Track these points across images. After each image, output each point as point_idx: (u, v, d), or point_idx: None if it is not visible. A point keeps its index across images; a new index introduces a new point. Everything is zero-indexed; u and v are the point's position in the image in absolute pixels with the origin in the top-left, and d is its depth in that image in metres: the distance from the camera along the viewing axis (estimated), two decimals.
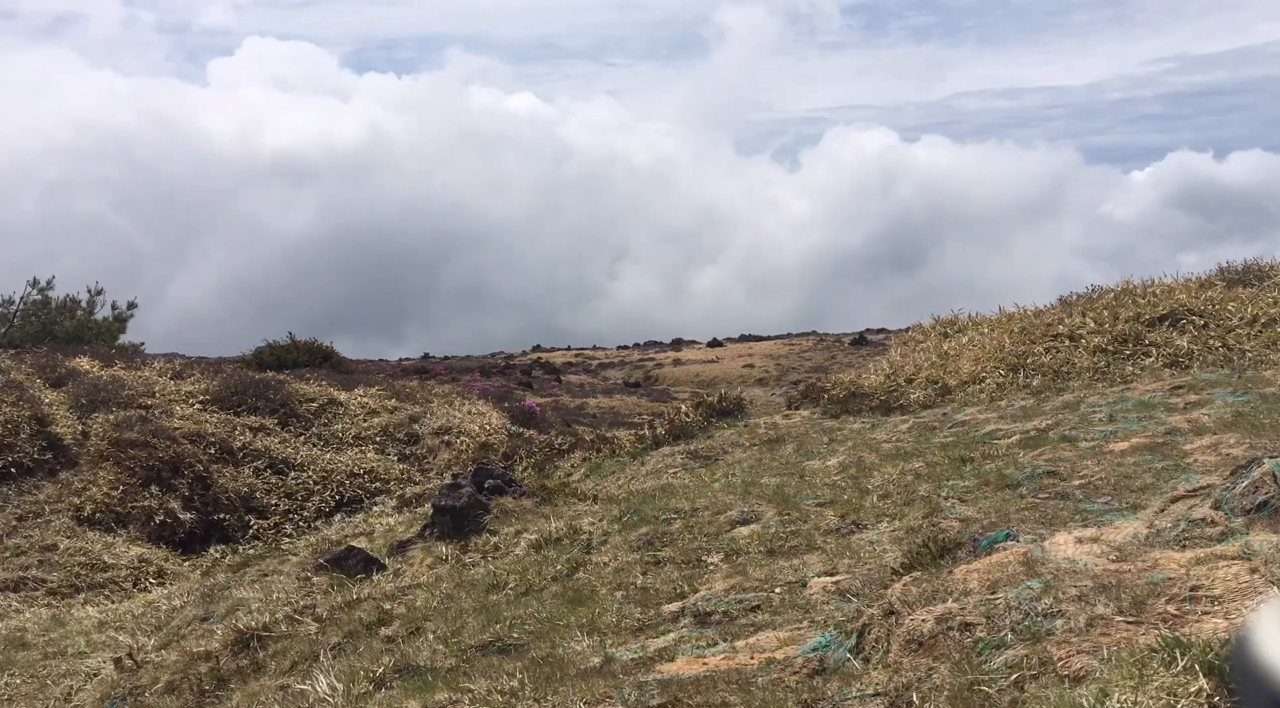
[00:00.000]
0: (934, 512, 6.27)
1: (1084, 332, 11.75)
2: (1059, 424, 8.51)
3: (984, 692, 3.19)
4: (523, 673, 4.43)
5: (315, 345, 23.88)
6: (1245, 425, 7.20)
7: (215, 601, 9.22)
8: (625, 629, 5.14)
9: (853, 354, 44.58)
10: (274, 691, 5.74)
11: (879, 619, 3.87)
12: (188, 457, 15.23)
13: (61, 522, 13.48)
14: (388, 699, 4.66)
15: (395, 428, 17.99)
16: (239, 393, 17.82)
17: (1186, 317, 11.59)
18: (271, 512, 15.31)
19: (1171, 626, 3.18)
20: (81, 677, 8.06)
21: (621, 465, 11.08)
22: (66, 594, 11.91)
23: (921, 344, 14.01)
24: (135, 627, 9.25)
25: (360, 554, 8.53)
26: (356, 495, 15.71)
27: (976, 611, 3.57)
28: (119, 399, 16.50)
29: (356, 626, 6.47)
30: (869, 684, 3.58)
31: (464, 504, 8.61)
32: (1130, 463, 6.67)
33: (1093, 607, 3.39)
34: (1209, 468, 6.02)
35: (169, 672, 6.97)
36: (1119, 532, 4.29)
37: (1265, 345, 10.65)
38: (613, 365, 52.25)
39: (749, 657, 4.31)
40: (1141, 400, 8.93)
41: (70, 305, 29.11)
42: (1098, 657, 3.13)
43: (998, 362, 11.74)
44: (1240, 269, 13.33)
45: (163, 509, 14.22)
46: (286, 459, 16.34)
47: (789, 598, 5.16)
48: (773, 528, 6.58)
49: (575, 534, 7.48)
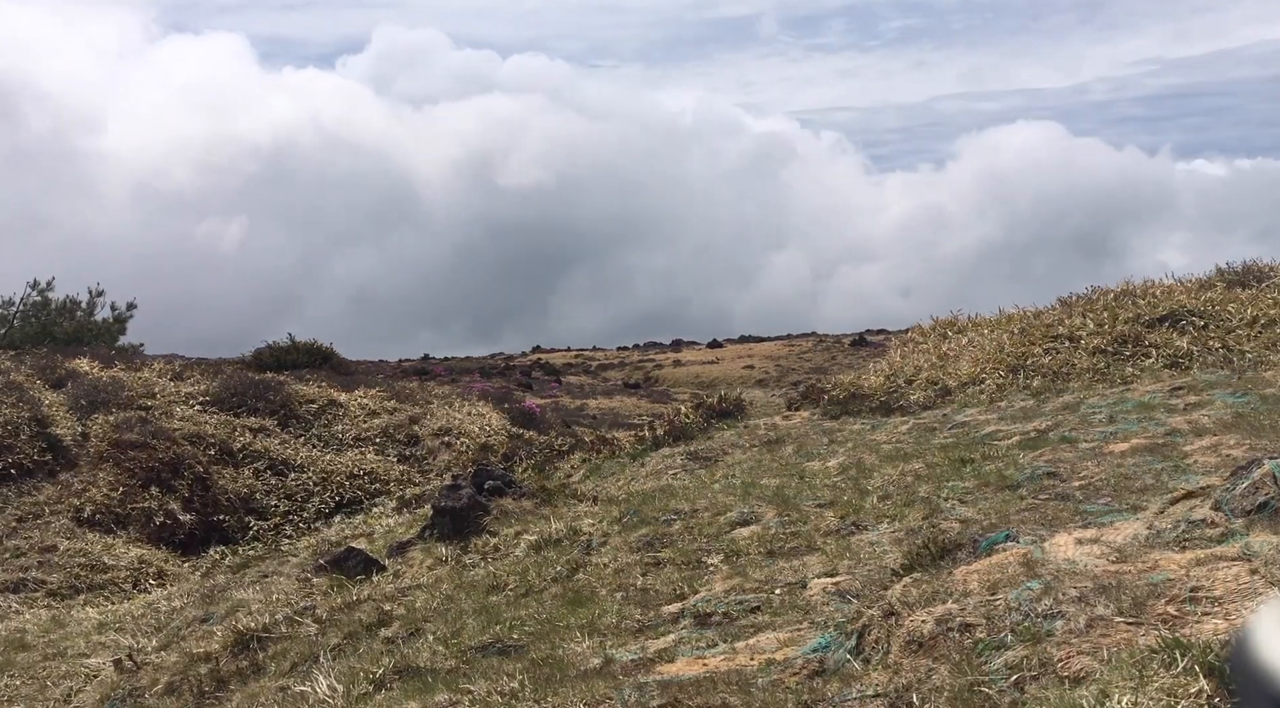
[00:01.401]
0: (934, 513, 6.27)
1: (1084, 333, 11.75)
2: (1059, 425, 8.51)
3: (984, 693, 3.19)
4: (523, 674, 4.43)
5: (315, 346, 23.86)
6: (1245, 426, 7.20)
7: (215, 602, 9.22)
8: (625, 630, 5.14)
9: (852, 355, 44.58)
10: (274, 692, 5.74)
11: (879, 620, 3.87)
12: (187, 458, 15.22)
13: (61, 523, 13.47)
14: (387, 701, 4.66)
15: (395, 429, 17.98)
16: (239, 394, 17.81)
17: (1186, 318, 11.59)
18: (271, 513, 15.30)
19: (1171, 627, 3.18)
20: (81, 678, 8.05)
21: (621, 467, 11.08)
22: (66, 595, 11.90)
23: (921, 345, 14.01)
24: (135, 628, 9.25)
25: (360, 555, 8.53)
26: (356, 497, 15.70)
27: (977, 612, 3.57)
28: (119, 400, 16.50)
29: (356, 627, 6.47)
30: (869, 685, 3.58)
31: (464, 505, 8.61)
32: (1130, 464, 6.67)
33: (1093, 608, 3.39)
34: (1209, 469, 6.02)
35: (169, 673, 6.97)
36: (1119, 533, 4.29)
37: (1265, 346, 10.65)
38: (612, 366, 52.25)
39: (749, 658, 4.31)
40: (1141, 401, 8.93)
41: (70, 307, 29.09)
42: (1098, 658, 3.13)
43: (997, 363, 11.73)
44: (1240, 270, 13.34)
45: (162, 510, 14.22)
46: (286, 460, 16.34)
47: (789, 599, 5.16)
48: (773, 529, 6.58)
49: (575, 535, 7.47)
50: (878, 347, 39.92)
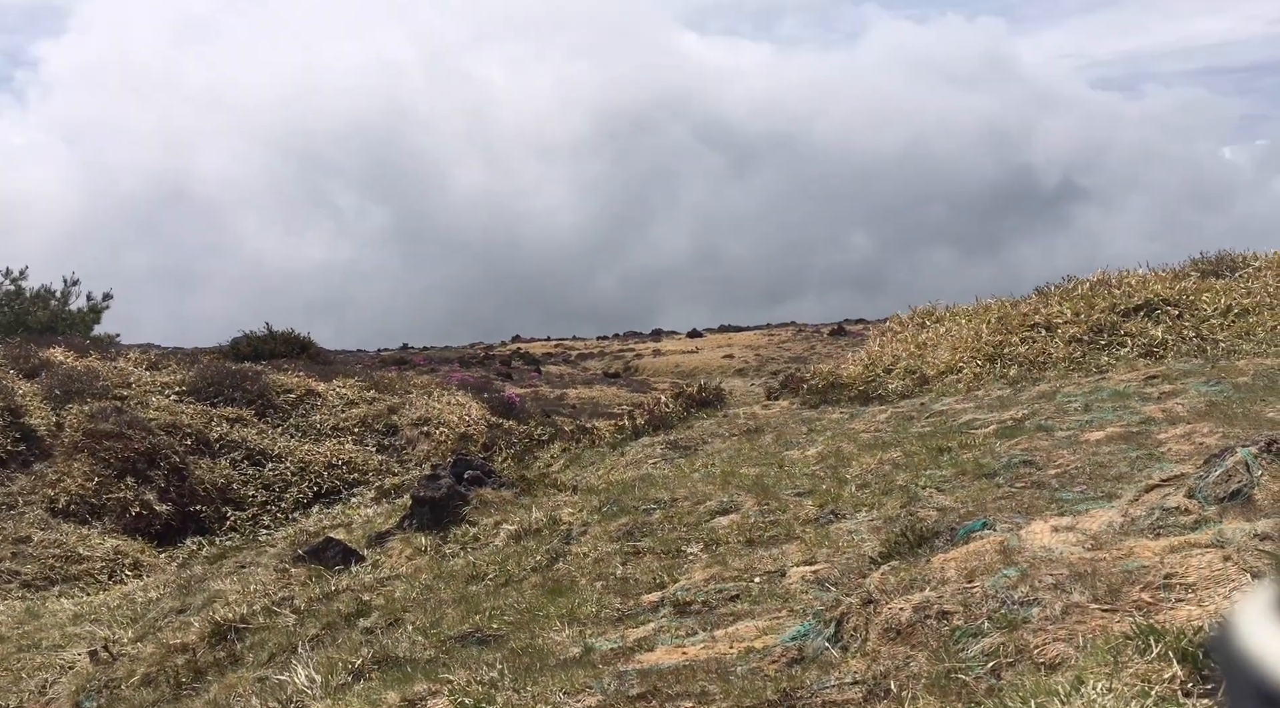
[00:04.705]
0: (912, 501, 6.31)
1: (1060, 322, 11.84)
2: (1035, 414, 8.57)
3: (961, 680, 3.21)
4: (502, 664, 4.43)
5: (293, 336, 23.70)
6: (1218, 415, 7.27)
7: (192, 593, 9.16)
8: (605, 619, 5.15)
9: (831, 345, 44.74)
10: (252, 683, 5.71)
11: (857, 608, 3.89)
12: (163, 448, 15.11)
13: (35, 514, 13.34)
14: (366, 691, 4.64)
15: (374, 419, 17.91)
16: (215, 384, 17.68)
17: (1161, 307, 11.69)
18: (249, 503, 15.22)
19: (1146, 613, 3.21)
20: (57, 670, 7.99)
21: (601, 456, 11.08)
22: (41, 587, 11.80)
23: (899, 335, 14.07)
24: (111, 619, 9.18)
25: (339, 546, 8.50)
26: (335, 487, 15.63)
27: (954, 599, 3.59)
28: (94, 390, 16.35)
29: (335, 617, 6.45)
30: (847, 673, 3.60)
31: (443, 495, 8.59)
32: (1105, 452, 6.72)
33: (1068, 595, 3.42)
34: (1183, 457, 6.08)
35: (145, 664, 6.92)
36: (1094, 520, 4.33)
37: (1238, 335, 10.76)
38: (592, 356, 52.20)
39: (728, 646, 4.32)
40: (1117, 390, 9.01)
41: (44, 296, 28.77)
42: (1073, 644, 3.16)
43: (975, 352, 11.80)
44: (1214, 260, 13.46)
45: (138, 501, 14.11)
46: (264, 450, 16.24)
47: (768, 587, 5.18)
48: (752, 518, 6.60)
49: (555, 525, 7.47)
50: (856, 336, 40.07)
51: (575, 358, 51.78)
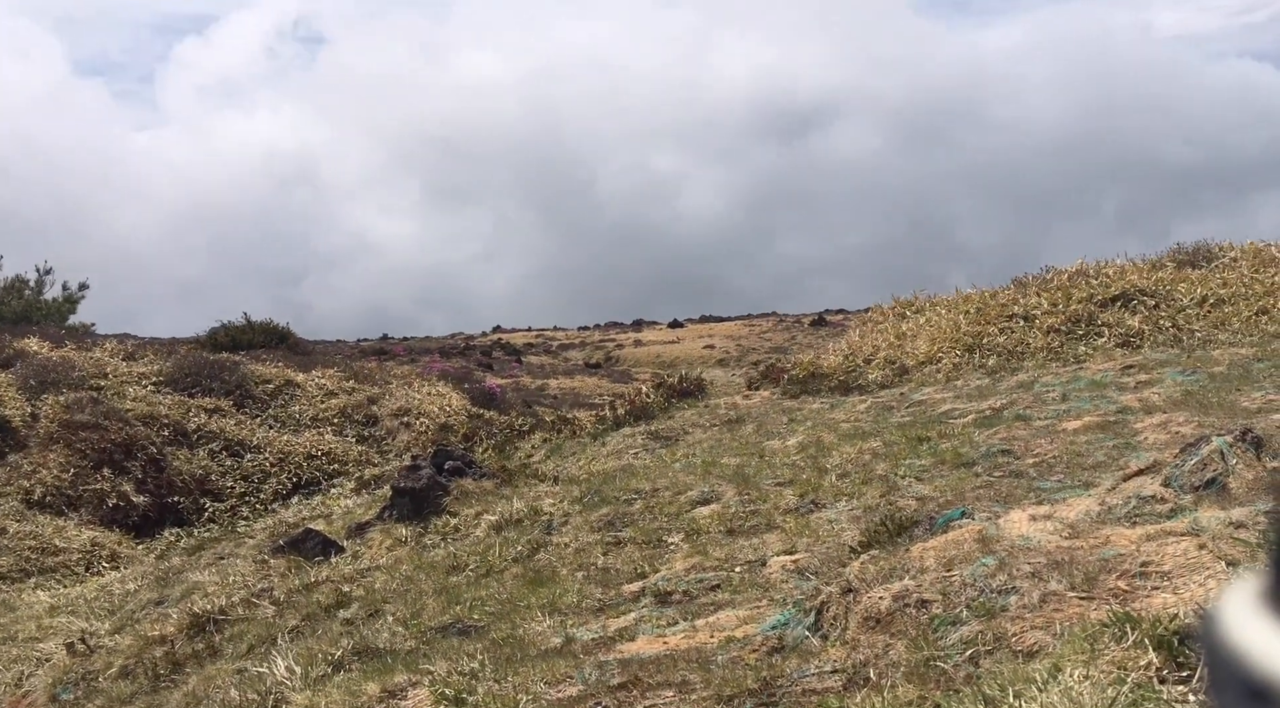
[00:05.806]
0: (891, 491, 6.34)
1: (1038, 312, 11.91)
2: (1013, 403, 8.63)
3: (940, 667, 3.23)
4: (483, 654, 4.43)
5: (271, 326, 23.53)
6: (1194, 404, 7.34)
7: (170, 584, 9.11)
8: (586, 610, 5.15)
9: (812, 335, 44.85)
10: (231, 674, 5.68)
11: (837, 597, 3.91)
12: (141, 439, 14.98)
13: (10, 505, 13.22)
14: (346, 682, 4.63)
15: (353, 409, 17.82)
16: (193, 374, 17.54)
17: (1138, 297, 11.79)
18: (227, 494, 15.12)
19: (1122, 601, 3.24)
20: (33, 662, 7.92)
21: (582, 447, 11.08)
22: (16, 579, 11.69)
23: (880, 325, 14.12)
24: (88, 611, 9.11)
25: (318, 537, 8.46)
26: (314, 478, 15.55)
27: (933, 588, 3.61)
28: (69, 380, 16.19)
29: (314, 608, 6.42)
30: (827, 661, 3.61)
31: (423, 486, 8.57)
32: (1083, 441, 6.77)
33: (1046, 583, 3.44)
34: (1159, 446, 6.14)
35: (123, 656, 6.88)
36: (1072, 509, 4.37)
37: (1213, 326, 10.86)
38: (573, 346, 52.14)
39: (709, 636, 4.33)
40: (1094, 380, 9.08)
41: (18, 285, 28.45)
42: (1051, 632, 3.18)
43: (954, 342, 11.86)
44: (1190, 250, 13.58)
45: (115, 492, 13.99)
46: (242, 441, 16.13)
47: (749, 577, 5.20)
48: (733, 508, 6.62)
49: (536, 515, 7.46)
50: (837, 327, 40.20)
51: (556, 348, 51.71)
